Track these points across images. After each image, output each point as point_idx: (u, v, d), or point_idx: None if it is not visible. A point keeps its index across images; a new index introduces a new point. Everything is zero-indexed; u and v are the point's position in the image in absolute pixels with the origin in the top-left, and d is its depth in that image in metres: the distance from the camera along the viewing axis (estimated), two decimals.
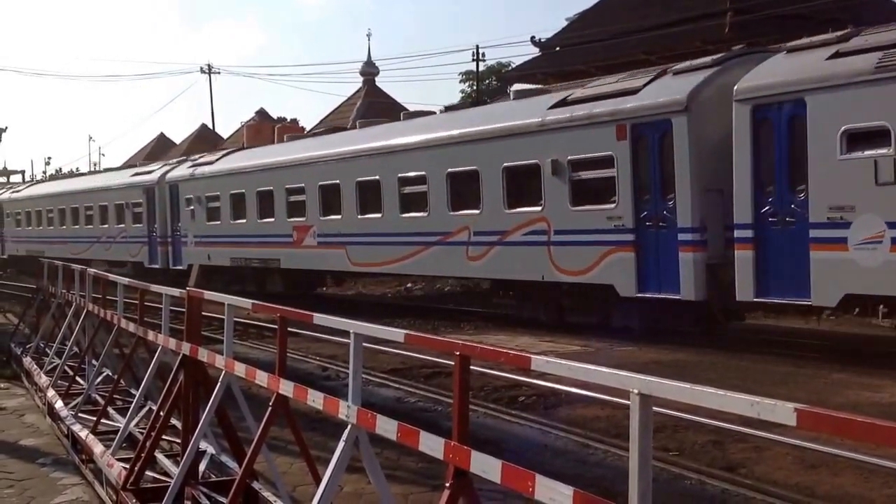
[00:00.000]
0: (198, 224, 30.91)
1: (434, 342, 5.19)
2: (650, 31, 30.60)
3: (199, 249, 30.87)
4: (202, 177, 30.76)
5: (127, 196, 35.71)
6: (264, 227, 27.43)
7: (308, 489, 7.33)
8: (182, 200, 31.75)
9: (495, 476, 3.77)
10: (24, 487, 8.53)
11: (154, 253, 33.60)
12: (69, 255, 37.69)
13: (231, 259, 29.19)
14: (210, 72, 62.94)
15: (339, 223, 24.29)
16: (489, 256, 19.59)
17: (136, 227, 34.93)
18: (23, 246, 47.40)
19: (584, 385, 11.28)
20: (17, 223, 49.17)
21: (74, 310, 13.10)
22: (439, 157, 20.94)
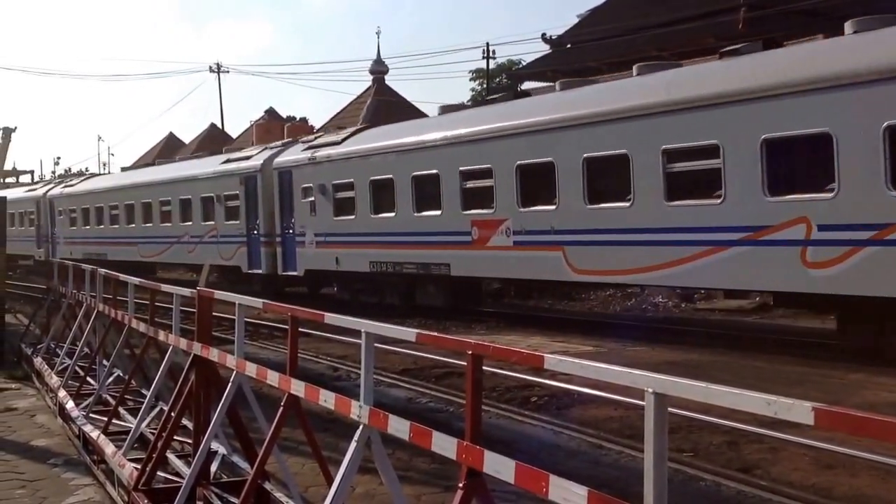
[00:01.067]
0: (320, 219, 25.37)
1: (446, 341, 5.14)
2: (663, 28, 30.43)
3: (323, 251, 25.27)
4: (326, 160, 25.11)
5: (218, 187, 30.34)
6: (424, 222, 21.69)
7: (320, 490, 7.29)
8: (297, 190, 26.25)
9: (509, 476, 3.73)
10: (36, 488, 8.51)
11: (255, 255, 28.47)
12: (139, 258, 35.80)
13: (371, 263, 23.49)
14: (219, 70, 63.00)
15: (551, 216, 18.14)
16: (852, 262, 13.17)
17: (229, 225, 29.70)
18: (78, 248, 40.87)
19: (596, 385, 11.22)
20: (72, 222, 42.90)
21: (85, 310, 13.09)
22: (746, 117, 14.41)
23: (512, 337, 17.62)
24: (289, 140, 30.48)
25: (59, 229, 44.43)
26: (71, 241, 42.55)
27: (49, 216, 45.70)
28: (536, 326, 19.07)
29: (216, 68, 63.02)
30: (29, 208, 47.90)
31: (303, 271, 26.37)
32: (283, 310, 6.44)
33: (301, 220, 26.24)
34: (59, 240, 44.12)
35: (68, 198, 43.84)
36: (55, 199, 45.34)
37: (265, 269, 27.90)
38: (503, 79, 56.62)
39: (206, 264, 32.99)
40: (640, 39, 30.87)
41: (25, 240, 47.45)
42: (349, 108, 54.67)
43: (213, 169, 31.35)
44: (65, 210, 43.86)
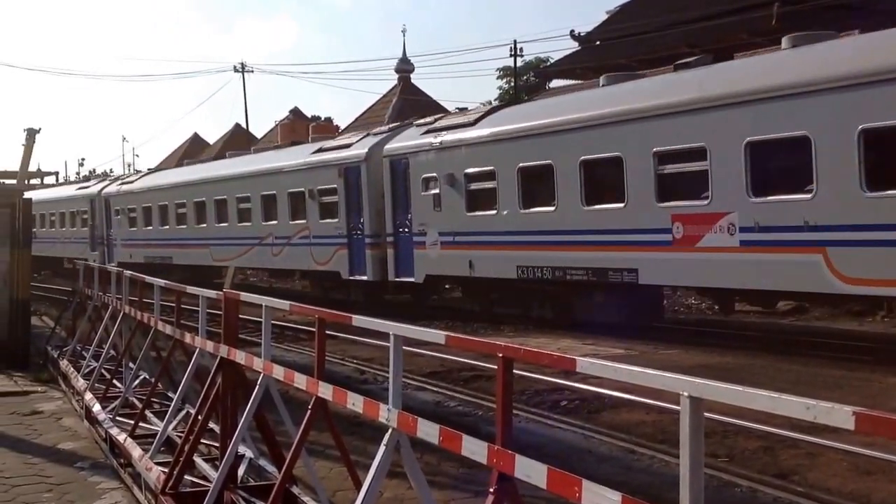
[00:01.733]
0: (448, 215, 21.58)
1: (476, 344, 5.04)
2: (694, 24, 30.15)
3: (451, 254, 21.67)
4: (455, 145, 21.43)
5: (310, 181, 26.77)
6: (600, 217, 17.72)
7: (347, 494, 7.20)
8: (415, 182, 22.63)
9: (541, 481, 3.65)
10: (63, 492, 8.48)
11: (358, 259, 24.68)
12: (211, 262, 32.93)
13: (519, 268, 19.65)
14: (243, 70, 63.11)
15: (804, 207, 14.08)
16: None
17: (325, 224, 26.00)
18: (139, 251, 37.79)
19: (627, 389, 11.09)
20: (131, 222, 38.80)
21: (111, 312, 13.10)
22: None
23: (541, 339, 17.49)
24: (397, 124, 26.66)
25: (116, 230, 40.54)
26: (130, 244, 38.95)
27: (105, 216, 41.57)
28: (565, 328, 18.91)
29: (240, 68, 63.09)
30: (82, 207, 43.96)
31: (422, 277, 22.54)
32: (310, 312, 6.36)
33: (421, 217, 22.41)
34: (116, 242, 40.40)
35: (127, 195, 39.68)
36: (112, 197, 41.14)
37: (372, 274, 24.05)
38: (531, 77, 56.39)
39: (231, 266, 32.83)
40: (670, 36, 30.62)
41: (77, 242, 43.78)
42: (375, 108, 54.72)
43: (304, 160, 27.48)
44: (123, 209, 39.73)
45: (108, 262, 36.78)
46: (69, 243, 44.44)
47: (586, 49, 36.94)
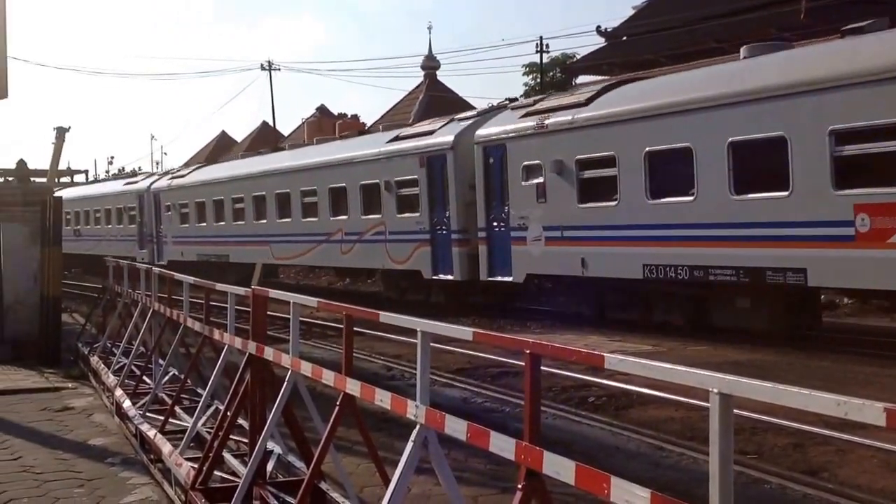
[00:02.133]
0: (555, 207, 19.28)
1: (504, 340, 5.03)
2: (722, 19, 29.97)
3: (559, 250, 19.24)
4: (564, 128, 19.04)
5: (387, 171, 24.61)
6: (756, 207, 15.26)
7: (376, 490, 7.23)
8: (514, 171, 20.24)
9: (569, 477, 3.65)
10: (94, 487, 8.55)
11: (444, 256, 22.66)
12: (272, 260, 31.50)
13: (646, 267, 17.18)
14: (270, 68, 63.30)
15: None
16: None
17: (404, 219, 23.97)
18: (191, 249, 35.75)
19: (656, 385, 11.05)
20: (183, 219, 36.64)
21: (140, 309, 13.18)
22: None
23: (568, 336, 17.44)
24: (487, 108, 24.40)
25: (166, 227, 38.29)
26: (182, 241, 36.75)
27: (154, 212, 39.34)
28: (593, 325, 18.86)
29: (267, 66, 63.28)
30: (129, 203, 41.67)
31: (522, 276, 20.31)
32: (337, 309, 6.38)
33: (521, 210, 20.13)
34: (167, 239, 38.16)
35: (178, 190, 37.38)
36: (161, 191, 38.81)
37: (460, 273, 21.93)
38: (557, 73, 56.16)
39: (258, 263, 32.43)
40: (698, 31, 30.46)
41: (124, 240, 41.55)
42: (401, 105, 54.78)
43: (379, 149, 25.29)
44: (174, 205, 37.45)
45: (157, 261, 36.23)
46: (115, 241, 42.19)
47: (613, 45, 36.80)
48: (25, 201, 18.19)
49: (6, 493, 8.38)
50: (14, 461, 9.57)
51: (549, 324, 19.79)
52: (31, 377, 15.15)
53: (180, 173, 39.17)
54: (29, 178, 22.23)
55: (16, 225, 17.90)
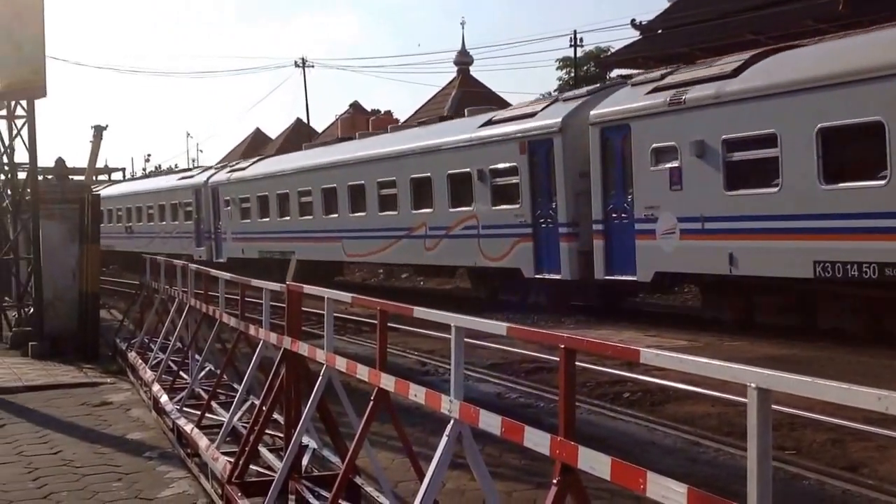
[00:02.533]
0: (693, 195, 16.90)
1: (538, 335, 5.02)
2: (759, 10, 29.60)
3: (698, 245, 16.81)
4: (705, 104, 16.57)
5: (480, 159, 22.19)
6: None
7: (410, 485, 7.23)
8: (639, 155, 17.91)
9: (604, 472, 3.62)
10: (132, 481, 8.62)
11: (549, 252, 20.30)
12: (343, 258, 29.55)
13: (818, 264, 14.81)
14: (304, 66, 63.49)
15: None
16: None
17: (500, 212, 21.68)
18: (253, 246, 33.75)
19: (692, 381, 10.98)
20: (244, 214, 34.50)
21: (177, 305, 13.28)
22: None
23: (603, 331, 17.37)
24: (596, 86, 21.96)
25: (225, 223, 36.04)
26: (242, 238, 34.67)
27: (213, 207, 37.19)
28: (627, 320, 18.76)
29: (301, 63, 63.49)
30: (185, 199, 39.62)
31: (649, 275, 17.86)
32: (371, 304, 6.39)
33: (649, 199, 17.70)
34: (226, 236, 36.00)
35: (239, 184, 35.13)
36: (220, 186, 36.58)
37: (569, 271, 19.57)
38: (591, 67, 55.86)
39: (292, 259, 31.82)
40: (733, 23, 30.13)
41: (180, 237, 39.68)
42: (434, 100, 54.75)
43: (470, 135, 22.87)
44: (234, 199, 35.28)
45: (216, 259, 35.13)
46: (170, 239, 40.34)
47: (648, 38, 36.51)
48: (64, 199, 18.39)
49: (47, 486, 8.48)
50: (54, 455, 9.69)
51: (584, 319, 19.71)
52: (70, 372, 15.32)
53: (240, 166, 37.05)
54: (67, 175, 22.47)
55: (54, 222, 18.11)
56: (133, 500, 8.02)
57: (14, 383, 14.10)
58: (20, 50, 17.28)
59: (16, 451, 9.88)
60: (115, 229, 46.79)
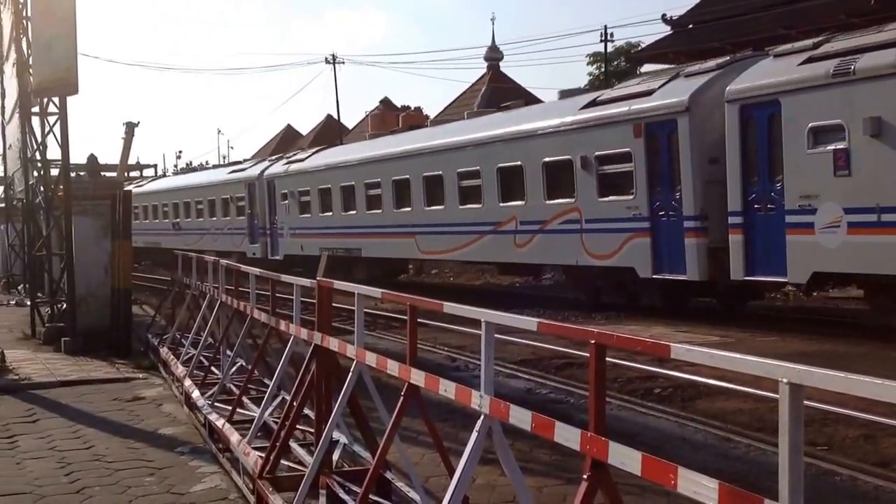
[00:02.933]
0: (866, 180, 14.73)
1: (568, 330, 5.00)
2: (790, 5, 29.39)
3: (869, 240, 14.75)
4: (870, 75, 14.47)
5: (581, 145, 20.19)
6: None
7: (441, 480, 7.24)
8: (797, 134, 15.65)
9: (635, 468, 3.61)
10: (164, 476, 8.69)
11: (671, 249, 18.13)
12: (417, 255, 27.50)
13: None
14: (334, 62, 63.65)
15: None
16: None
17: (609, 204, 19.60)
18: (314, 242, 31.94)
19: (723, 376, 10.92)
20: (303, 208, 32.62)
21: (208, 301, 13.36)
22: None
23: (633, 327, 17.31)
24: (726, 59, 19.05)
25: (282, 218, 34.19)
26: (302, 233, 32.74)
27: (268, 202, 35.29)
28: (657, 316, 18.68)
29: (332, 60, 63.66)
30: (237, 193, 37.79)
31: (805, 275, 15.68)
32: (401, 299, 6.39)
33: (804, 186, 15.45)
34: (283, 232, 34.17)
35: (297, 176, 33.16)
36: (277, 178, 34.69)
37: (697, 271, 17.30)
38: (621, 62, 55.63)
39: (323, 255, 31.49)
40: (765, 18, 29.92)
41: (232, 233, 37.99)
42: (464, 96, 54.77)
43: (572, 118, 20.48)
44: (292, 193, 33.33)
45: (271, 256, 34.21)
46: (221, 235, 38.76)
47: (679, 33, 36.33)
48: (96, 195, 18.54)
49: (79, 480, 8.56)
50: (86, 450, 9.78)
51: (615, 315, 19.65)
52: (103, 368, 15.45)
53: (298, 157, 35.17)
54: (99, 172, 22.65)
55: (87, 218, 18.25)
56: (165, 494, 8.08)
57: (47, 378, 14.24)
58: (52, 48, 17.42)
59: (49, 446, 9.98)
60: (162, 226, 46.42)
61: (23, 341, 18.92)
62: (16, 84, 21.39)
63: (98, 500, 7.93)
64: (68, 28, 17.40)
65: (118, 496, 8.06)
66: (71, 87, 17.79)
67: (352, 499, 6.63)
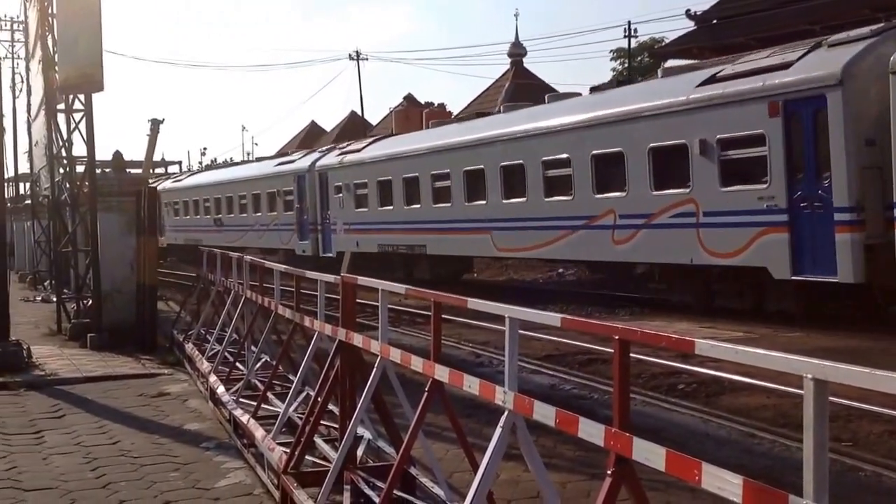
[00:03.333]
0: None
1: (592, 326, 5.00)
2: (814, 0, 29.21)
3: None
4: None
5: (697, 127, 17.79)
6: None
7: (464, 476, 7.27)
8: None
9: (659, 464, 3.61)
10: (189, 471, 8.75)
11: (816, 246, 15.70)
12: (493, 252, 24.91)
13: None
14: (358, 58, 63.76)
15: None
16: None
17: (735, 194, 17.24)
18: (370, 239, 29.77)
19: (747, 372, 10.89)
20: (359, 202, 30.44)
21: (233, 297, 13.42)
22: None
23: (657, 322, 17.26)
24: (880, 26, 16.19)
25: (335, 213, 32.09)
26: (357, 229, 30.64)
27: (319, 196, 33.17)
28: (682, 312, 18.61)
29: (355, 56, 63.77)
30: (285, 186, 35.66)
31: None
32: (426, 295, 6.41)
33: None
34: (336, 227, 32.05)
35: (353, 168, 30.98)
36: (330, 171, 32.45)
37: (851, 272, 14.96)
38: (645, 57, 55.41)
39: (347, 251, 31.31)
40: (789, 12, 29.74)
41: (278, 229, 36.14)
42: (487, 93, 54.71)
43: (687, 97, 18.10)
44: (346, 186, 31.14)
45: (322, 253, 32.77)
46: (266, 231, 37.23)
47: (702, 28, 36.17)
48: (122, 192, 18.68)
49: (105, 476, 8.64)
50: (112, 445, 9.86)
51: (638, 311, 19.60)
52: (129, 363, 15.57)
53: (352, 148, 32.78)
54: (125, 168, 22.82)
55: (112, 215, 18.40)
56: (190, 489, 8.14)
57: (73, 374, 14.37)
58: (77, 45, 17.55)
59: (75, 442, 10.08)
60: (203, 222, 44.61)
61: (49, 337, 19.10)
62: (42, 81, 21.58)
63: (124, 495, 8.00)
64: (93, 25, 17.53)
65: (144, 491, 8.13)
66: (96, 83, 17.93)
67: (376, 494, 6.65)
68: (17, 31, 40.82)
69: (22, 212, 38.92)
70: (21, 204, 41.58)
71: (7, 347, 14.93)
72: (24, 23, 34.56)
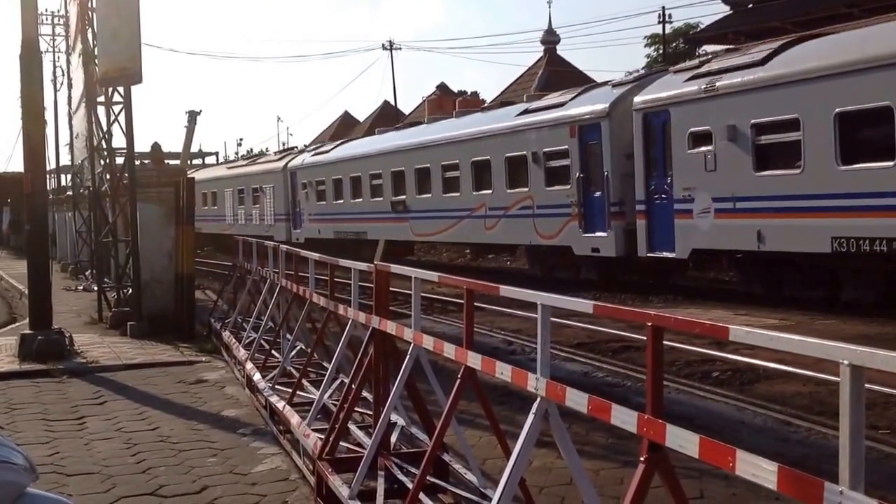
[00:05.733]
0: None
1: (625, 313, 4.98)
2: None
3: None
4: None
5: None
6: None
7: (497, 462, 7.29)
8: None
9: (693, 451, 3.59)
10: (227, 456, 8.84)
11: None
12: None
13: None
14: (391, 48, 63.73)
15: None
16: None
17: None
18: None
19: (782, 359, 10.82)
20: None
21: (269, 285, 13.52)
22: None
23: (691, 310, 17.17)
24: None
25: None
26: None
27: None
28: (716, 299, 18.50)
29: (389, 46, 63.74)
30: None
31: None
32: (458, 283, 6.43)
33: None
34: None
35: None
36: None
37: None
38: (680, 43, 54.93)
39: (381, 240, 32.14)
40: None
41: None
42: (521, 80, 54.48)
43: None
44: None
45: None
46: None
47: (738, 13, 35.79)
48: (160, 182, 18.84)
49: (145, 461, 8.75)
50: (152, 431, 9.99)
51: (672, 298, 19.51)
52: (167, 351, 15.74)
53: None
54: (163, 160, 22.99)
55: (151, 205, 18.58)
56: (228, 475, 8.23)
57: (114, 362, 14.55)
58: (117, 38, 17.69)
59: (116, 427, 10.21)
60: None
61: (90, 325, 19.35)
62: (82, 75, 21.79)
63: (163, 480, 8.10)
64: (132, 19, 17.65)
65: (183, 476, 8.23)
66: (135, 76, 18.06)
67: (409, 480, 6.69)
68: (58, 25, 41.22)
69: (64, 203, 39.38)
70: (63, 195, 42.05)
71: (50, 335, 15.13)
72: (65, 17, 35.02)
